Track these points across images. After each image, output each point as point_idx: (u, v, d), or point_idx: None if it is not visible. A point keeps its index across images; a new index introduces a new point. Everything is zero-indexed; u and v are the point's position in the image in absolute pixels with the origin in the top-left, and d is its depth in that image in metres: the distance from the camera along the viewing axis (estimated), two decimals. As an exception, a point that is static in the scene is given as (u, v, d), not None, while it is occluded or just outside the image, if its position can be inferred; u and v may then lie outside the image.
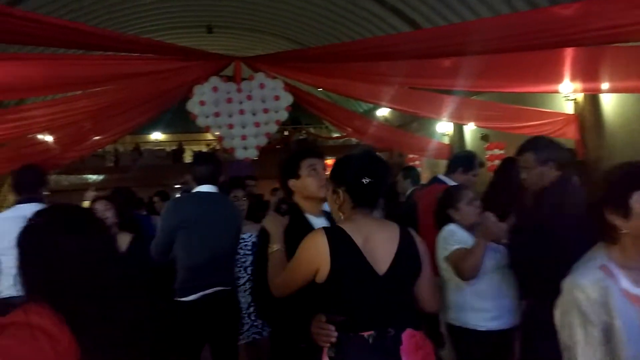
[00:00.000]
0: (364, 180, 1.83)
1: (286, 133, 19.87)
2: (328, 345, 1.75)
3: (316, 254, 1.77)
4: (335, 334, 1.74)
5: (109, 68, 6.49)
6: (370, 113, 16.66)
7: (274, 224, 2.03)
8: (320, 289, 1.79)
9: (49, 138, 10.36)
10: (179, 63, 6.83)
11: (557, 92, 6.67)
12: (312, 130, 21.85)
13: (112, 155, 17.75)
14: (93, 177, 16.23)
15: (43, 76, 6.09)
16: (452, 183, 3.60)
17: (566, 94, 7.15)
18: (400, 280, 1.82)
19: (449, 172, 3.85)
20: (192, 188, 3.33)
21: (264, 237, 2.05)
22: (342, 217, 1.89)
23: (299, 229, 1.99)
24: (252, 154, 7.03)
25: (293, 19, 13.88)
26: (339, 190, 1.89)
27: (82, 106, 7.97)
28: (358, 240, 1.78)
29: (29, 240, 1.24)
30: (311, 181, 2.13)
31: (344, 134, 15.46)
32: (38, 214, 1.29)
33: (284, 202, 2.91)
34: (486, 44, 4.55)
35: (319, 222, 2.12)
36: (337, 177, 1.91)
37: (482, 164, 4.27)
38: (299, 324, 1.85)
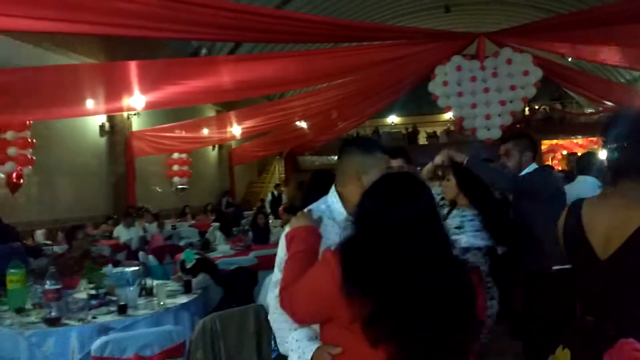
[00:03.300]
0: (612, 146, 1.57)
1: (527, 111, 18.31)
2: None
3: (558, 230, 1.72)
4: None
5: (353, 59, 6.99)
6: (635, 83, 14.14)
7: None
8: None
9: (304, 125, 11.94)
10: (420, 47, 6.96)
11: None
12: (558, 106, 19.62)
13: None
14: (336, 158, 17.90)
15: (298, 71, 6.98)
16: None
17: None
18: (628, 269, 1.55)
19: None
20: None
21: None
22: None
23: None
24: (496, 134, 6.77)
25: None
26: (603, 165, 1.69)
27: (330, 96, 8.88)
28: (590, 218, 1.61)
29: None
30: None
31: (601, 109, 13.45)
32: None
33: None
34: None
35: None
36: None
37: None
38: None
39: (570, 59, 11.50)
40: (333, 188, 1.80)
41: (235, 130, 10.88)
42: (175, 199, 12.21)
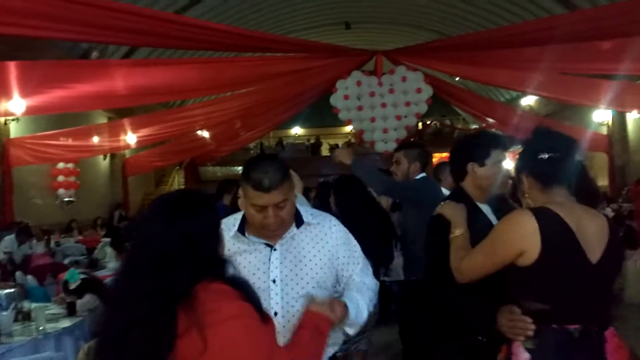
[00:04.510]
0: (542, 156, 1.67)
1: (420, 126, 19.52)
2: (523, 338, 1.61)
3: (522, 234, 1.60)
4: (533, 326, 1.59)
5: (256, 69, 7.02)
6: (513, 102, 15.67)
7: (455, 210, 1.95)
8: (520, 274, 1.62)
9: (205, 134, 11.63)
10: (321, 61, 7.14)
11: None
12: (447, 122, 21.19)
13: (258, 148, 19.16)
14: (241, 169, 17.68)
15: (200, 79, 6.83)
16: None
17: None
18: (609, 272, 1.67)
19: None
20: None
21: (439, 224, 1.95)
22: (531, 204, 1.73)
23: (469, 215, 1.93)
24: (391, 147, 7.10)
25: (433, 8, 13.60)
26: (521, 176, 1.75)
27: (233, 106, 8.77)
28: (571, 223, 1.60)
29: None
30: (495, 174, 2.01)
31: (484, 125, 14.75)
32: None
33: None
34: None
35: (485, 208, 2.05)
36: (516, 163, 1.79)
37: None
38: (480, 315, 1.77)
39: (457, 79, 12.47)
40: None
41: (130, 138, 10.27)
42: (60, 212, 11.21)
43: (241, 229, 1.78)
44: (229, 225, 1.78)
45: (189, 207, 1.32)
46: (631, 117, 11.03)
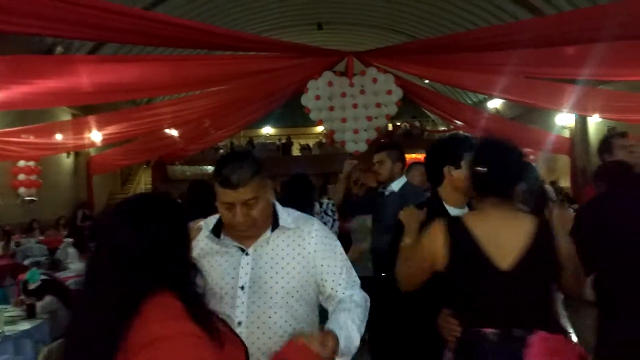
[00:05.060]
0: (478, 169, 1.77)
1: (390, 127, 19.77)
2: (453, 339, 1.72)
3: (433, 244, 1.75)
4: (459, 328, 1.70)
5: (227, 68, 6.94)
6: (480, 105, 16.02)
7: (411, 217, 1.99)
8: (442, 281, 1.74)
9: (174, 133, 11.43)
10: (293, 61, 7.12)
11: None
12: (417, 123, 21.51)
13: (228, 148, 18.99)
14: (211, 168, 17.49)
15: (169, 76, 6.70)
16: None
17: None
18: (530, 277, 1.69)
19: None
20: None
21: (400, 229, 2.01)
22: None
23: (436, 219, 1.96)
24: (362, 147, 7.15)
25: (403, 10, 13.76)
26: (466, 182, 1.87)
27: (202, 104, 8.65)
28: (479, 232, 1.72)
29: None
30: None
31: (452, 127, 15.03)
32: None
33: None
34: (623, 30, 4.18)
35: (457, 212, 2.06)
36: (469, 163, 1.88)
37: None
38: (424, 319, 1.85)
39: (426, 81, 12.66)
40: None
41: (95, 136, 9.99)
42: (21, 212, 10.83)
43: (216, 230, 1.68)
44: (209, 224, 1.71)
45: (155, 211, 1.28)
46: (592, 120, 11.42)
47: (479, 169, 1.77)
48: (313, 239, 1.68)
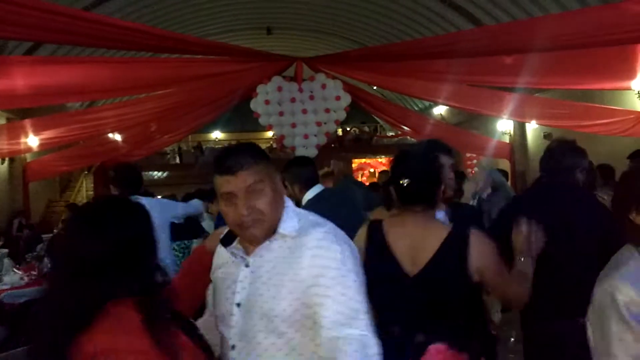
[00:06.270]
0: (402, 182, 1.86)
1: (340, 132, 20.01)
2: None
3: (359, 244, 1.77)
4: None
5: (174, 71, 6.79)
6: (426, 111, 16.47)
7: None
8: None
9: (117, 137, 11.03)
10: (242, 65, 7.06)
11: (629, 88, 6.37)
12: (366, 129, 21.89)
13: (175, 153, 18.52)
14: (158, 174, 17.04)
15: (112, 79, 6.48)
16: None
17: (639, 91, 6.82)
18: (434, 285, 1.74)
19: None
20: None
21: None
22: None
23: None
24: (312, 152, 7.16)
25: (352, 18, 13.96)
26: (390, 188, 1.94)
27: (148, 108, 8.40)
28: (392, 237, 1.82)
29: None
30: (447, 181, 2.11)
31: (399, 133, 15.37)
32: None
33: None
34: (554, 41, 4.43)
35: (439, 214, 2.09)
36: (390, 175, 1.99)
37: None
38: None
39: (374, 87, 12.89)
40: None
41: (32, 141, 9.49)
42: (-51, 221, 10.13)
43: (226, 238, 1.45)
44: (224, 231, 1.51)
45: (118, 216, 1.25)
46: (530, 127, 12.02)
47: (401, 181, 1.87)
48: (311, 250, 1.32)
